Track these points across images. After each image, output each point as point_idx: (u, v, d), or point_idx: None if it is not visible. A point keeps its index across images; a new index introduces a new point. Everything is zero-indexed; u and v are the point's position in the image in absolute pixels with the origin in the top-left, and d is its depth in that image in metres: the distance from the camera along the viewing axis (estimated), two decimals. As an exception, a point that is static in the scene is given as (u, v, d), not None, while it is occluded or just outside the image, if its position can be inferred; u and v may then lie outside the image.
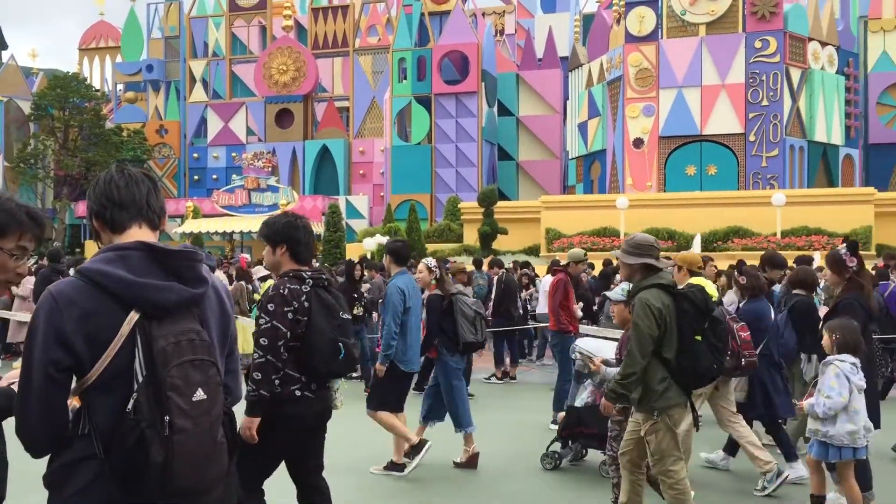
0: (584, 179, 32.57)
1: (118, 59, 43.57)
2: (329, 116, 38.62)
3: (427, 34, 35.53)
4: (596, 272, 14.82)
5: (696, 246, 22.35)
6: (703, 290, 4.91)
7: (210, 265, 12.51)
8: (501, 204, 27.76)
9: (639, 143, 28.80)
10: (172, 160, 40.78)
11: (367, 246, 23.84)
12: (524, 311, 13.47)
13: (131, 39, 42.45)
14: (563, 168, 36.19)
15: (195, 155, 40.40)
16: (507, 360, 12.50)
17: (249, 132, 39.71)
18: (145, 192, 2.28)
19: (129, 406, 2.02)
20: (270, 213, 33.39)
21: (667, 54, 28.45)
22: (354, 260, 13.25)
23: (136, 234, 2.24)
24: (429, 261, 7.30)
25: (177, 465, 2.00)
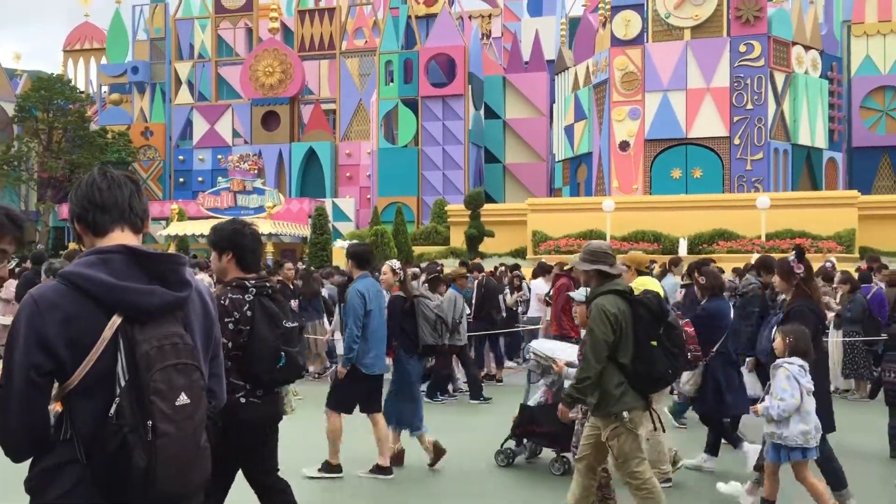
0: (571, 182, 32.66)
1: (103, 61, 43.31)
2: (315, 119, 38.55)
3: (414, 37, 35.55)
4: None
5: (682, 248, 22.47)
6: (659, 296, 5.07)
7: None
8: (488, 206, 27.79)
9: (625, 146, 28.91)
10: (157, 162, 40.58)
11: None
12: (510, 313, 13.46)
13: (116, 41, 42.22)
14: (550, 171, 36.27)
15: (180, 157, 40.22)
16: (492, 364, 12.56)
17: (235, 134, 39.57)
18: (128, 194, 2.26)
19: (112, 411, 2.00)
20: (257, 216, 33.14)
21: (652, 58, 28.59)
22: None
23: (119, 237, 2.22)
24: (393, 263, 7.46)
25: (160, 470, 1.99)
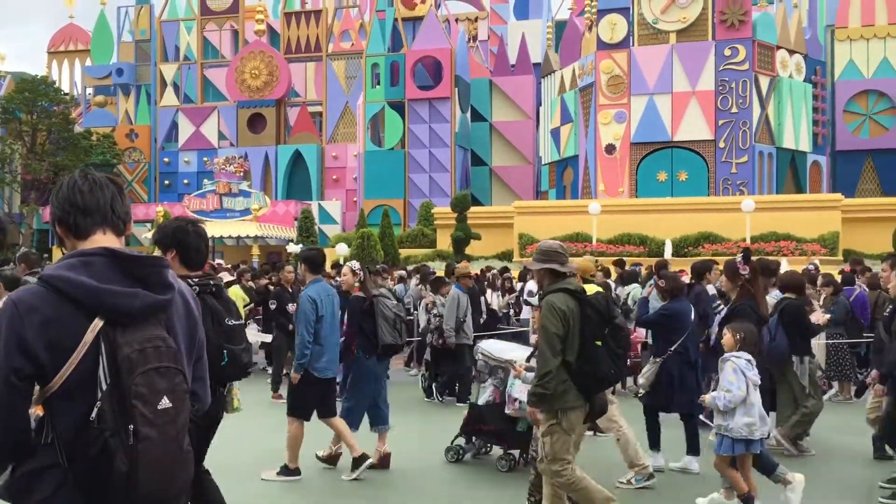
0: (557, 185, 32.74)
1: (88, 63, 43.05)
2: (302, 121, 38.47)
3: (400, 39, 35.56)
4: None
5: (667, 251, 22.55)
6: (608, 297, 5.16)
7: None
8: (474, 209, 27.82)
9: (611, 149, 29.01)
10: (143, 165, 40.37)
11: (340, 251, 23.76)
12: (494, 315, 13.46)
13: (101, 43, 41.99)
14: (536, 173, 36.34)
15: (166, 159, 40.03)
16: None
17: (221, 137, 39.42)
18: (109, 197, 2.25)
19: (93, 415, 1.99)
20: (243, 218, 33.04)
21: (638, 61, 28.71)
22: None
23: (101, 240, 2.21)
24: (353, 264, 7.57)
25: (142, 475, 1.98)
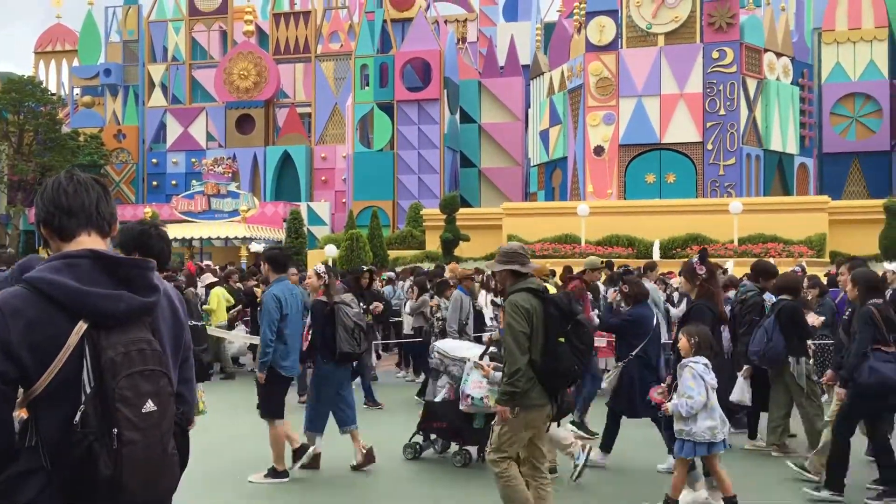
0: (546, 186, 32.79)
1: (75, 63, 42.82)
2: (290, 122, 38.39)
3: (389, 41, 35.54)
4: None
5: (656, 253, 22.62)
6: (570, 294, 5.20)
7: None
8: (463, 210, 27.82)
9: (599, 150, 29.08)
10: (130, 165, 40.18)
11: (329, 253, 23.72)
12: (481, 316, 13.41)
13: (89, 43, 41.77)
14: (525, 175, 36.39)
15: (154, 160, 39.86)
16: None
17: (210, 138, 39.29)
18: (95, 198, 2.23)
19: (77, 418, 1.97)
20: (231, 220, 32.94)
21: (626, 63, 28.80)
22: (363, 268, 13.14)
23: (86, 241, 2.19)
24: (318, 267, 7.59)
25: (126, 479, 1.96)
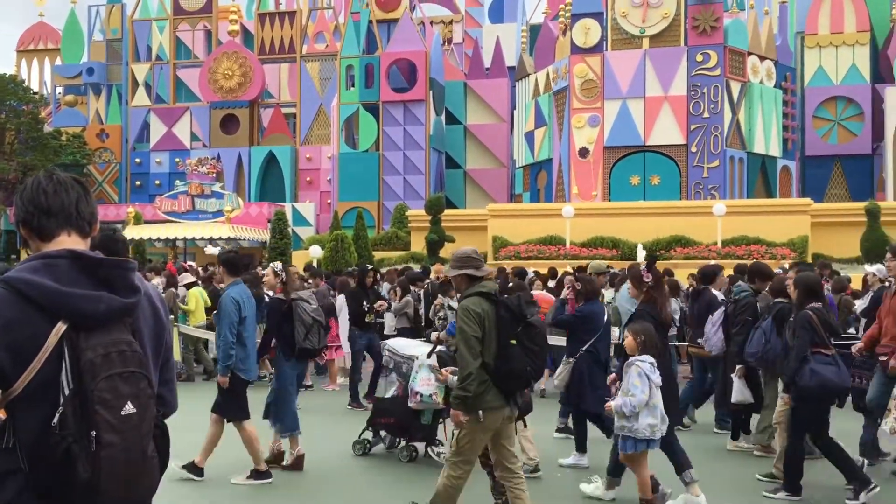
0: (531, 188, 32.85)
1: (58, 62, 42.49)
2: (275, 122, 38.26)
3: (375, 42, 35.49)
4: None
5: (640, 254, 22.70)
6: (520, 297, 5.31)
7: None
8: (449, 212, 27.82)
9: (584, 152, 29.17)
10: (113, 165, 39.90)
11: (314, 253, 23.66)
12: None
13: (72, 41, 41.46)
14: (510, 177, 36.43)
15: (137, 160, 39.60)
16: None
17: (194, 138, 39.08)
18: (75, 198, 2.20)
19: (55, 420, 1.94)
20: (215, 220, 32.84)
21: (611, 66, 28.91)
22: (368, 266, 13.09)
23: (65, 241, 2.16)
24: (276, 265, 7.63)
25: (104, 482, 1.94)
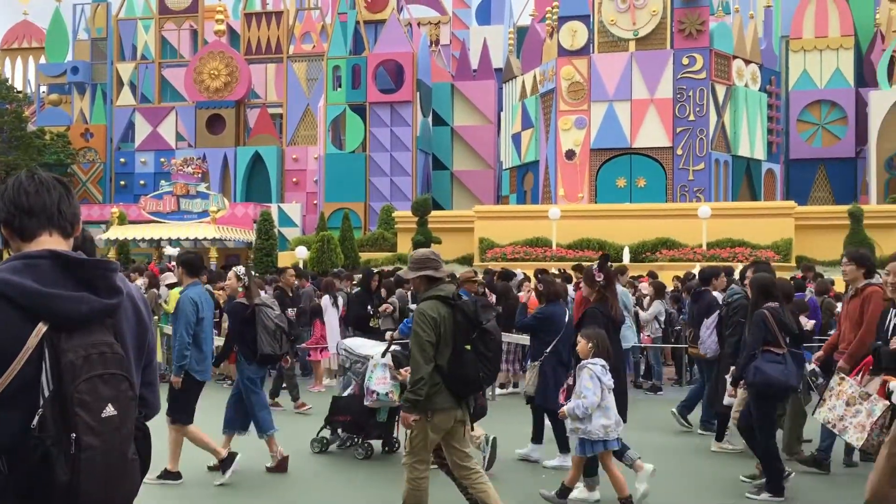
0: (518, 190, 32.90)
1: (42, 61, 42.18)
2: (262, 123, 38.14)
3: (362, 42, 35.45)
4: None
5: (625, 256, 22.78)
6: (476, 302, 5.37)
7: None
8: (435, 213, 27.82)
9: (571, 154, 29.25)
10: (98, 165, 39.65)
11: (300, 254, 23.59)
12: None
13: (56, 40, 41.16)
14: (497, 178, 36.48)
15: (122, 160, 39.37)
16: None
17: (179, 137, 38.89)
18: (56, 198, 2.18)
19: (34, 422, 1.92)
20: (201, 220, 32.66)
21: (598, 68, 29.00)
22: (373, 269, 13.05)
23: (47, 241, 2.14)
24: (238, 269, 7.64)
25: (84, 484, 1.92)
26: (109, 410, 1.97)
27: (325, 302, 12.33)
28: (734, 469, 7.40)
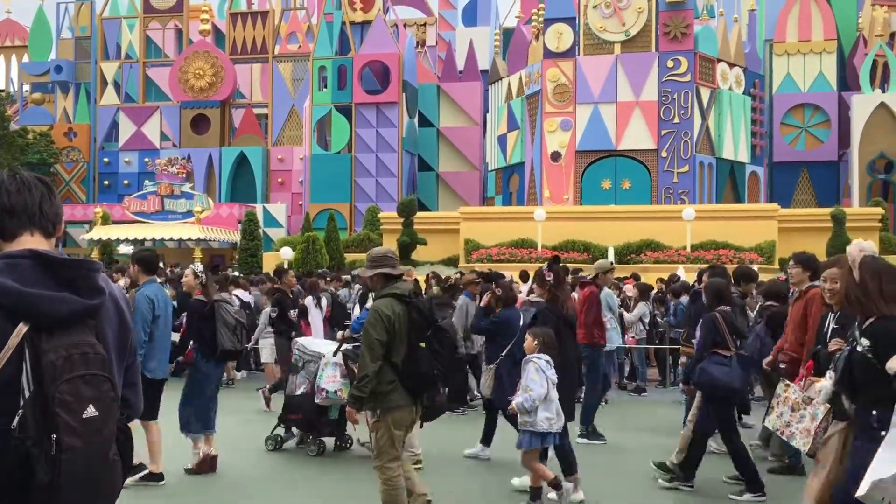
0: (503, 191, 32.94)
1: (25, 59, 41.85)
2: (247, 123, 37.99)
3: (348, 43, 35.40)
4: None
5: (610, 258, 22.86)
6: (431, 300, 5.38)
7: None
8: (421, 214, 27.81)
9: (556, 156, 29.31)
10: (81, 164, 39.38)
11: (285, 255, 23.53)
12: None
13: (39, 39, 40.83)
14: (483, 180, 36.51)
15: (106, 160, 39.11)
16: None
17: (164, 137, 38.68)
18: (38, 198, 2.17)
19: (15, 423, 1.91)
20: (185, 221, 32.51)
21: (583, 70, 29.09)
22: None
23: (28, 241, 2.13)
24: (196, 266, 7.69)
25: (65, 485, 1.91)
26: (91, 411, 1.96)
27: (309, 303, 12.31)
28: (718, 471, 7.44)
